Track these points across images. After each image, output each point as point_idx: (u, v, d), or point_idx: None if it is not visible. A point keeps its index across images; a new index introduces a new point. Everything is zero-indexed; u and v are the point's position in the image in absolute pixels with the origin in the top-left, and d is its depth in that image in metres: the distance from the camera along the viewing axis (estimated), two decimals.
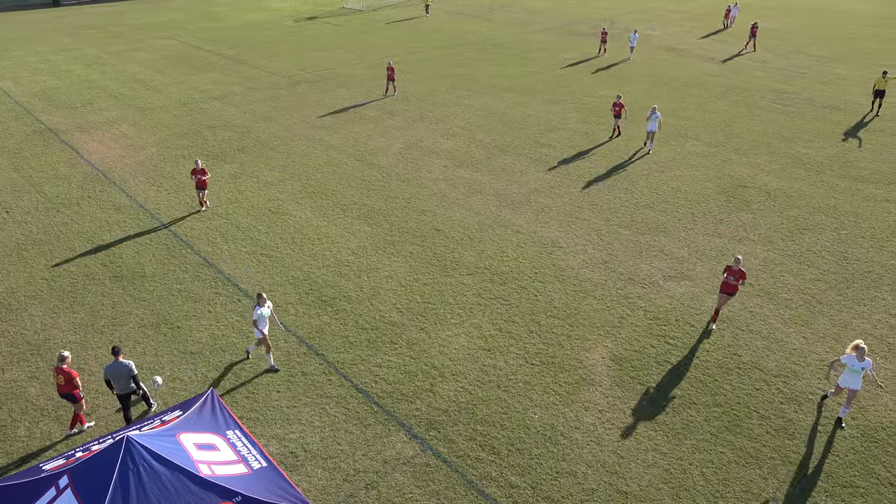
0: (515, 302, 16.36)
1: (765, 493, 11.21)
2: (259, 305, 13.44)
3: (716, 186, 22.55)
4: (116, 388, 12.17)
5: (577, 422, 12.72)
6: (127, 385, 12.20)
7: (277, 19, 55.04)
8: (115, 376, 12.04)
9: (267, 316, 13.51)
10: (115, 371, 12.01)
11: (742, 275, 14.63)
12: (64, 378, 11.93)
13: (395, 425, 12.69)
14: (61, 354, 12.00)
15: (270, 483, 9.20)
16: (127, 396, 12.35)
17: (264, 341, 13.66)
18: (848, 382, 12.19)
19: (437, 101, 32.27)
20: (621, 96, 26.31)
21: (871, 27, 48.89)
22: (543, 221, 20.28)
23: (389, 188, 22.70)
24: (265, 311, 13.44)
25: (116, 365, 12.02)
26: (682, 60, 39.57)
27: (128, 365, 12.08)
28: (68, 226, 20.41)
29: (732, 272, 14.65)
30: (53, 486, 8.59)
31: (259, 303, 13.46)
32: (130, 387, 12.27)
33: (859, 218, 20.33)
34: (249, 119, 29.90)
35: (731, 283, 14.69)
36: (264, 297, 13.48)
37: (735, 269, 14.60)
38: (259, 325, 13.40)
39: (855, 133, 27.42)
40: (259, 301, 13.46)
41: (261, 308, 13.40)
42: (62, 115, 30.70)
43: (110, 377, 12.05)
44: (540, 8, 58.60)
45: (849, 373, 12.13)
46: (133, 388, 12.33)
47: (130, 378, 12.19)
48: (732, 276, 14.64)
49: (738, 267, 14.59)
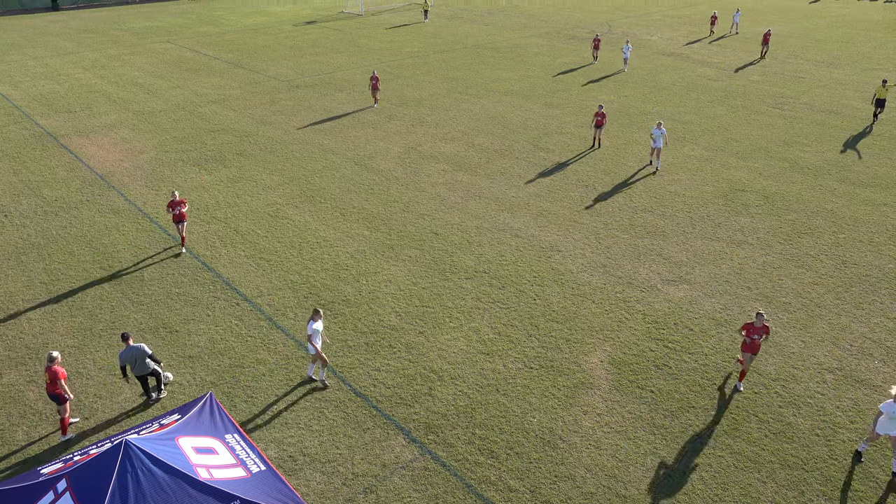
0: (514, 306, 16.37)
1: (764, 496, 11.21)
2: (313, 320, 13.00)
3: (714, 190, 22.59)
4: (135, 371, 12.70)
5: (576, 425, 12.72)
6: (144, 366, 12.73)
7: (276, 23, 55.14)
8: (132, 359, 12.55)
9: (320, 331, 13.15)
10: (130, 355, 12.54)
11: (766, 330, 13.01)
12: (49, 377, 12.01)
13: (394, 429, 12.68)
14: (50, 354, 12.12)
15: (269, 487, 9.19)
16: (145, 378, 12.92)
17: (319, 356, 13.21)
18: (887, 429, 11.30)
19: (436, 105, 32.33)
20: (603, 105, 26.12)
21: (869, 32, 49.07)
22: (542, 225, 20.31)
23: (388, 192, 22.72)
24: (319, 325, 13.03)
25: (130, 349, 12.54)
26: (680, 65, 39.68)
27: (140, 347, 12.60)
28: (67, 229, 20.40)
29: (755, 330, 12.99)
30: (52, 490, 8.58)
31: (314, 318, 13.03)
32: (148, 367, 12.80)
33: (857, 222, 20.38)
34: (248, 123, 29.93)
35: (756, 341, 13.09)
36: (320, 312, 13.08)
37: (758, 326, 12.94)
38: (313, 339, 12.97)
39: (853, 137, 27.49)
40: (314, 316, 13.03)
41: (315, 323, 12.97)
42: (61, 119, 30.72)
43: (127, 362, 12.56)
44: (538, 12, 58.76)
45: (889, 420, 11.23)
46: (151, 367, 12.86)
47: (147, 357, 12.73)
48: (756, 334, 13.00)
49: (763, 323, 12.94)
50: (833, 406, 13.14)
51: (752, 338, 13.08)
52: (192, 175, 24.27)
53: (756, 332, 13.04)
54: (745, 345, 13.23)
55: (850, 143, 26.89)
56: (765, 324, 13.03)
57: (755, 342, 13.11)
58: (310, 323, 13.03)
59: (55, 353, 12.11)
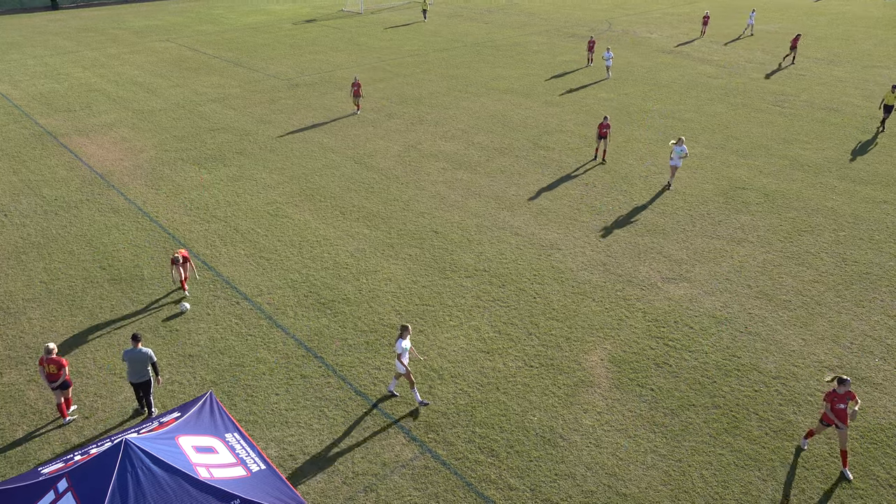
0: (514, 304, 16.36)
1: (764, 494, 11.21)
2: (402, 338, 12.44)
3: (714, 188, 22.57)
4: (130, 377, 12.41)
5: (576, 424, 12.72)
6: (143, 372, 12.41)
7: (276, 22, 55.09)
8: (132, 361, 12.27)
9: (409, 349, 12.62)
10: (132, 357, 12.27)
11: (852, 396, 11.22)
12: (55, 366, 12.27)
13: (394, 428, 12.68)
14: (48, 347, 12.29)
15: (269, 486, 9.19)
16: (139, 386, 12.57)
17: (407, 375, 12.71)
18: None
19: (436, 103, 32.30)
20: (608, 117, 25.57)
21: (869, 29, 49.00)
22: (542, 223, 20.30)
23: (388, 191, 22.71)
24: (408, 343, 12.53)
25: (134, 352, 12.30)
26: (680, 62, 39.64)
27: (146, 352, 12.35)
28: (67, 229, 20.40)
29: (839, 398, 11.16)
30: (52, 490, 8.58)
31: (402, 335, 12.45)
32: (145, 376, 12.47)
33: (858, 219, 20.36)
34: (248, 122, 29.91)
35: (843, 409, 11.20)
36: (408, 328, 12.48)
37: (842, 392, 11.13)
38: (402, 357, 12.45)
39: (853, 135, 27.45)
40: (403, 333, 12.44)
41: (404, 340, 12.47)
42: (61, 119, 30.71)
43: (128, 361, 12.30)
44: (538, 10, 58.68)
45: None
46: (147, 377, 12.51)
47: (150, 365, 12.44)
48: (842, 402, 11.16)
49: (846, 388, 11.11)
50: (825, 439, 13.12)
51: (839, 406, 11.17)
52: (191, 174, 24.26)
53: (841, 401, 11.16)
54: (828, 416, 11.25)
55: (850, 140, 26.85)
56: (849, 389, 11.17)
57: (842, 410, 11.16)
58: (399, 341, 12.44)
59: (52, 345, 12.36)
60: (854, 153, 25.49)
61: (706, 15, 46.41)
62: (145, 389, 12.67)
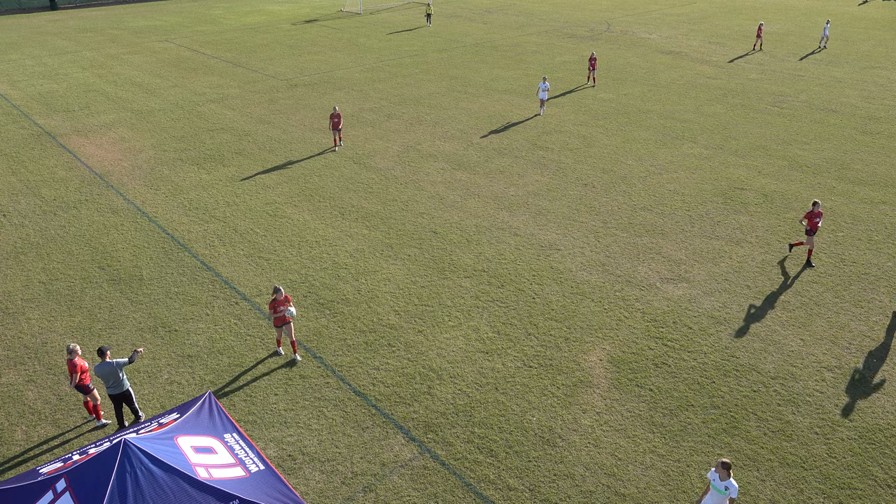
0: (513, 304, 16.37)
1: (763, 494, 11.22)
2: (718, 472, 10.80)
3: (713, 189, 22.59)
4: (109, 390, 12.15)
5: (575, 424, 12.73)
6: (120, 383, 12.11)
7: (275, 22, 55.08)
8: (105, 375, 11.97)
9: None
10: (103, 371, 11.94)
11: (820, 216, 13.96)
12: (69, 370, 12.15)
13: (393, 428, 12.69)
14: (69, 346, 12.13)
15: (268, 486, 9.19)
16: (120, 397, 12.28)
17: None
18: None
19: (435, 103, 32.31)
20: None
21: (868, 30, 49.07)
22: (541, 224, 20.31)
23: (387, 191, 22.71)
24: None
25: (104, 365, 11.94)
26: (678, 63, 39.67)
27: (114, 363, 11.96)
28: (66, 229, 20.38)
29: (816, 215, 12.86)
30: (51, 490, 8.58)
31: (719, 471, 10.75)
32: (123, 386, 12.17)
33: (856, 220, 20.39)
34: (247, 122, 29.91)
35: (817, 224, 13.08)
36: None
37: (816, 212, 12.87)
38: None
39: (852, 136, 27.49)
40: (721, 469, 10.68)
41: None
42: (59, 119, 30.69)
43: (100, 376, 12.00)
44: (537, 11, 58.71)
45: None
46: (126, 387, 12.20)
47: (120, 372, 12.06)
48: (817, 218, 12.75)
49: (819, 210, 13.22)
50: (832, 404, 13.15)
51: (814, 222, 16.09)
52: (191, 174, 24.26)
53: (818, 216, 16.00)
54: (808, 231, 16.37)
55: (849, 141, 26.89)
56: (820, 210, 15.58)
57: (816, 224, 16.28)
58: None
59: (73, 345, 12.15)
60: (852, 154, 25.51)
61: (760, 25, 41.88)
62: (127, 399, 12.37)
